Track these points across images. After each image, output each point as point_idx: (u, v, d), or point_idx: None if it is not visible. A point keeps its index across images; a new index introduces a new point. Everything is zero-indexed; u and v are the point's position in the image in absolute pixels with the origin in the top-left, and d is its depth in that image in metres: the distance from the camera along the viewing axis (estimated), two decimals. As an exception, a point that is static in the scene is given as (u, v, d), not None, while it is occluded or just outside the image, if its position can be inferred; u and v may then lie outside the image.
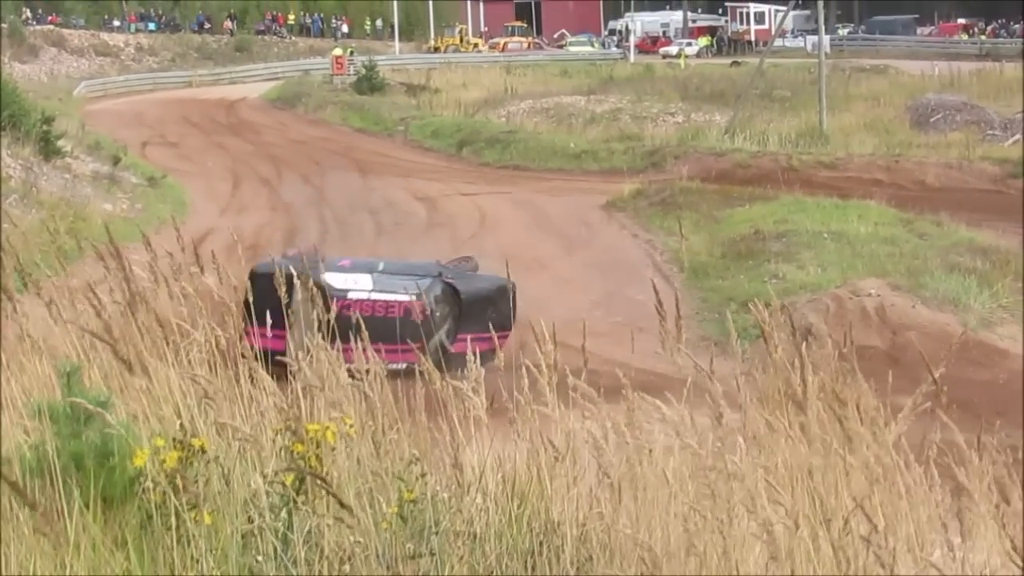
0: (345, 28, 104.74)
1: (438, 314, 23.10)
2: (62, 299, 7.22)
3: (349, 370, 6.41)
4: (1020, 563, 4.91)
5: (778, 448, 5.81)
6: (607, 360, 12.12)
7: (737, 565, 5.36)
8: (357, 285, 22.04)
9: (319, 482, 5.27)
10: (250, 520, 5.39)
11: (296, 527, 5.34)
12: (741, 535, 5.40)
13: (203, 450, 5.43)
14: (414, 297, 23.93)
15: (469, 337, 22.47)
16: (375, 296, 23.50)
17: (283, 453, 5.70)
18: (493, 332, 10.08)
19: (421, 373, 6.59)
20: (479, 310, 23.03)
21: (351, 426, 5.79)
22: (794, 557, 5.24)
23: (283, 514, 5.40)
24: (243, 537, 5.37)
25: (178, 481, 5.30)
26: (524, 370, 6.37)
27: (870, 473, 5.54)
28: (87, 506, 5.40)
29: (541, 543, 5.68)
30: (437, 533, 5.56)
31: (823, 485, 5.56)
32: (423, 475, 5.82)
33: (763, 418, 5.92)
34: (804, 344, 6.19)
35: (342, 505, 5.25)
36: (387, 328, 18.93)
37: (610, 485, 5.75)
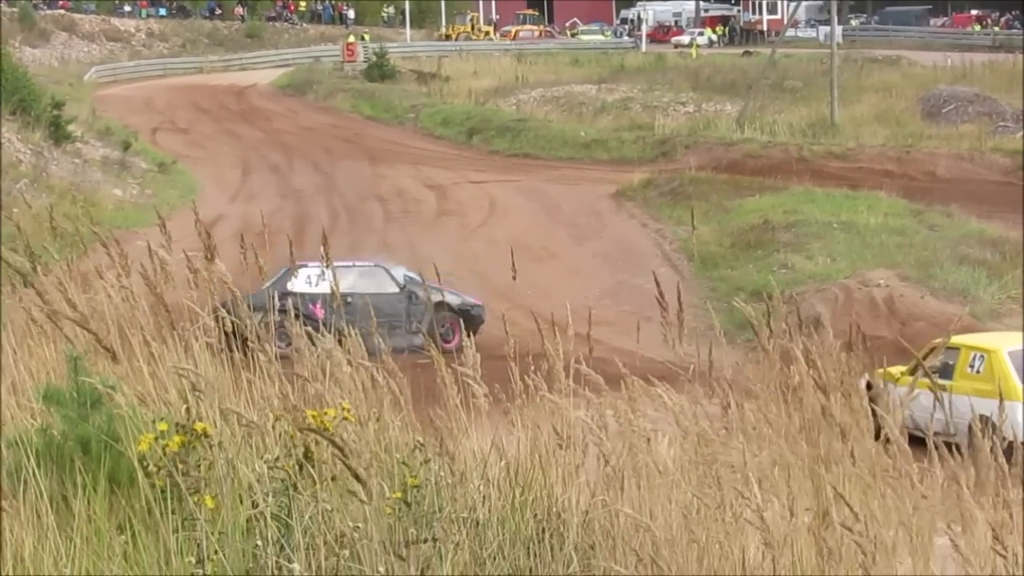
0: (352, 15, 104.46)
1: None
2: (72, 284, 7.25)
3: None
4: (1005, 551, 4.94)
5: (777, 438, 5.83)
6: (614, 349, 12.13)
7: (743, 551, 5.38)
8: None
9: (337, 453, 5.22)
10: (253, 505, 5.42)
11: (297, 512, 5.36)
12: (741, 523, 5.42)
13: (206, 434, 5.44)
14: None
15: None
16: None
17: (284, 438, 5.72)
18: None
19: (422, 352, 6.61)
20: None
21: (348, 410, 5.79)
22: (793, 545, 5.26)
23: (284, 499, 5.42)
24: (246, 522, 5.39)
25: (180, 465, 5.32)
26: (530, 358, 6.39)
27: (870, 464, 5.56)
28: (94, 489, 5.43)
29: (543, 529, 5.70)
30: (440, 519, 5.58)
31: (826, 476, 5.57)
32: (427, 461, 5.84)
33: (760, 409, 5.93)
34: (809, 334, 6.19)
35: (357, 479, 5.22)
36: None
37: (611, 472, 5.77)
